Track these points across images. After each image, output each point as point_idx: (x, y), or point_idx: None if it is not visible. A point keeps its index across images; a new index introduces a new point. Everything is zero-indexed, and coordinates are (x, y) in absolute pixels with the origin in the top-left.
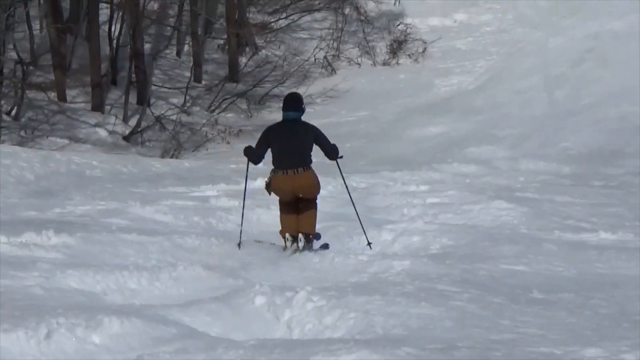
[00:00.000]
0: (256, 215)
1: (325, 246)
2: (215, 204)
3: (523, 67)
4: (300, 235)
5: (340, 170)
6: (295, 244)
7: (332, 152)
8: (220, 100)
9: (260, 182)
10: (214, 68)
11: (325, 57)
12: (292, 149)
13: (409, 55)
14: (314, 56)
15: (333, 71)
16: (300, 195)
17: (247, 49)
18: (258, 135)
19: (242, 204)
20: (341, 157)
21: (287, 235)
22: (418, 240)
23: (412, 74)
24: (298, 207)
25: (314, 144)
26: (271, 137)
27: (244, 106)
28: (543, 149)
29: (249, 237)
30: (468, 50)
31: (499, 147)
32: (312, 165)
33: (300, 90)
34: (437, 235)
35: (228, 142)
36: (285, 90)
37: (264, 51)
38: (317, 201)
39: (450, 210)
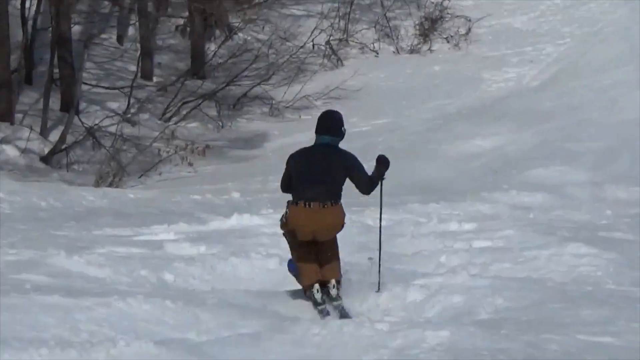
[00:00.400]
0: (230, 266)
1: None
2: (172, 252)
3: (608, 54)
4: (331, 282)
5: (381, 195)
6: (324, 294)
7: (365, 186)
8: (179, 104)
9: (235, 220)
10: (171, 59)
11: (328, 42)
12: (319, 177)
13: (446, 38)
14: (312, 41)
15: (339, 62)
16: (319, 238)
17: (218, 31)
18: (234, 153)
19: None
20: (384, 178)
21: (315, 286)
22: (461, 301)
23: (451, 64)
24: (318, 254)
25: (347, 177)
26: (296, 164)
27: (213, 112)
28: (638, 169)
29: (222, 297)
30: (529, 31)
31: (575, 168)
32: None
33: (294, 89)
34: (488, 293)
35: (190, 164)
36: (271, 89)
37: (241, 34)
38: (338, 247)
39: (507, 257)
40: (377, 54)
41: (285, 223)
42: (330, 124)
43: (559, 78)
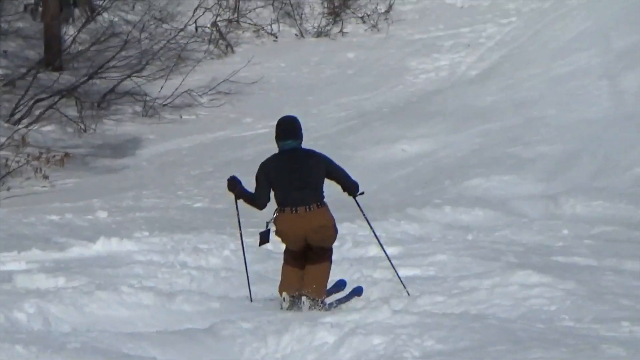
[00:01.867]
0: (96, 302)
1: (357, 291)
2: (24, 286)
3: (565, 35)
4: (303, 298)
5: (362, 212)
6: (289, 306)
7: (350, 184)
8: (31, 102)
9: (102, 245)
10: (19, 47)
11: (214, 24)
12: (300, 182)
13: (362, 18)
14: (195, 23)
15: (229, 48)
16: (313, 243)
17: (77, 11)
18: (99, 163)
19: (241, 248)
20: (362, 193)
21: (284, 295)
22: (382, 344)
23: (368, 50)
24: (306, 260)
25: (326, 178)
26: (270, 173)
27: (74, 112)
28: (601, 179)
29: (85, 340)
30: (466, 8)
31: (524, 178)
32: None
33: (174, 83)
34: (415, 333)
35: (45, 176)
36: (144, 83)
37: (106, 15)
38: (332, 252)
39: (439, 289)
40: (276, 38)
41: (265, 233)
42: (292, 129)
43: (503, 66)
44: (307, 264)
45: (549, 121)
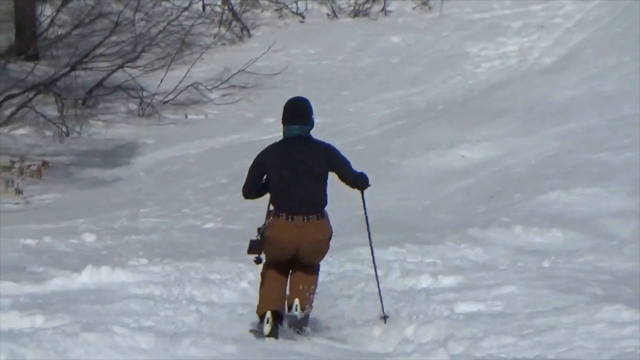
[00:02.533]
0: (82, 346)
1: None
2: None
3: None
4: (294, 305)
5: (365, 209)
6: (272, 328)
7: (355, 178)
8: (0, 99)
9: (89, 276)
10: None
11: (227, 1)
12: (299, 185)
13: None
14: (202, 1)
15: (245, 32)
16: (304, 257)
17: None
18: (86, 174)
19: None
20: (369, 185)
21: (267, 314)
22: None
23: (417, 34)
24: (291, 270)
25: (329, 172)
26: (268, 164)
27: (53, 112)
28: None
29: None
30: None
31: (612, 191)
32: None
33: (178, 74)
34: None
35: (19, 191)
36: (140, 75)
37: None
38: (319, 266)
39: (507, 328)
40: (303, 18)
41: (262, 234)
42: (300, 112)
43: (585, 53)
44: (295, 273)
45: None
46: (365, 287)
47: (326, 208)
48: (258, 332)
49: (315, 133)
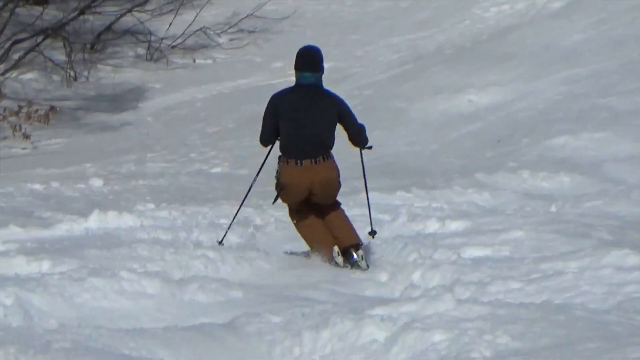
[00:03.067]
0: (88, 291)
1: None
2: (1, 272)
3: None
4: (354, 253)
5: (363, 167)
6: (344, 258)
7: (359, 137)
8: (8, 44)
9: (96, 221)
10: None
11: None
12: (309, 130)
13: None
14: None
15: None
16: (318, 196)
17: None
18: (93, 119)
19: (249, 186)
20: (370, 147)
21: (334, 250)
22: (445, 341)
23: None
24: (320, 213)
25: (337, 123)
26: (281, 110)
27: (61, 56)
28: None
29: (76, 338)
30: None
31: (621, 135)
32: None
33: (186, 18)
34: (486, 328)
35: (26, 136)
36: (148, 19)
37: None
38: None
39: (514, 273)
40: None
41: (278, 182)
42: (311, 60)
43: None
44: (325, 216)
45: None
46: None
47: (332, 151)
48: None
49: (323, 77)
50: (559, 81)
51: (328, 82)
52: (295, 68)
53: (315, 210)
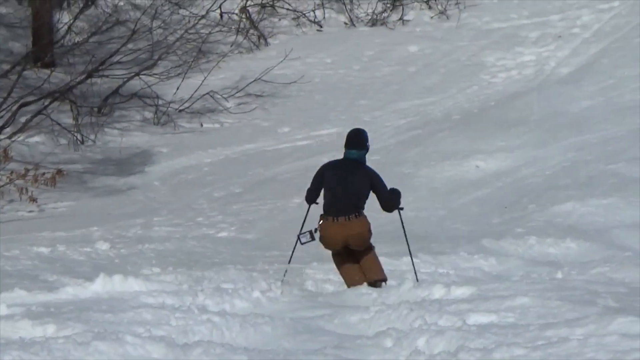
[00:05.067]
0: (94, 355)
1: None
2: (5, 335)
3: None
4: (378, 284)
5: (402, 224)
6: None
7: (388, 204)
8: (16, 107)
9: (102, 285)
10: (2, 37)
11: (244, 9)
12: (346, 193)
13: (427, 2)
14: (220, 8)
15: (262, 40)
16: (352, 247)
17: None
18: (100, 182)
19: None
20: (402, 208)
21: (364, 284)
22: None
23: (435, 42)
24: (354, 255)
25: (370, 191)
26: (326, 177)
27: (68, 119)
28: None
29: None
30: None
31: (628, 202)
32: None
33: (194, 82)
34: None
35: (33, 199)
36: (156, 83)
37: None
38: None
39: (520, 340)
40: (321, 27)
41: (318, 233)
42: (357, 140)
43: (602, 63)
44: (359, 258)
45: None
46: (378, 298)
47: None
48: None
49: (331, 143)
50: (566, 147)
51: (335, 147)
52: (345, 146)
53: (352, 254)
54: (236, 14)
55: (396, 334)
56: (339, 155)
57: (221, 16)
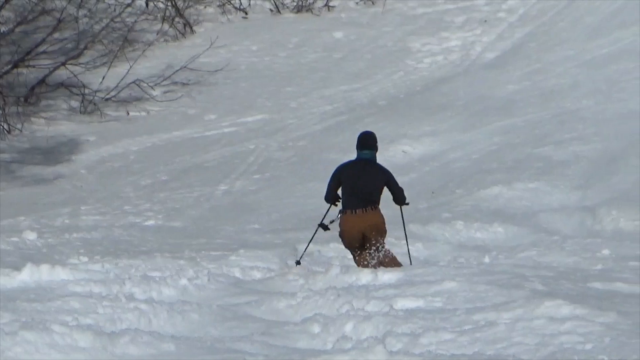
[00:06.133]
0: (20, 344)
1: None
2: None
3: (605, 9)
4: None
5: (402, 217)
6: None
7: (400, 197)
8: None
9: (29, 274)
10: None
11: None
12: (362, 189)
13: None
14: None
15: (187, 28)
16: (370, 238)
17: None
18: (27, 172)
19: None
20: (407, 204)
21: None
22: None
23: (360, 29)
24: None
25: (384, 187)
26: (343, 176)
27: None
28: None
29: None
30: None
31: (554, 185)
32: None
33: (120, 71)
34: None
35: None
36: (82, 72)
37: None
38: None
39: (447, 325)
40: (246, 14)
41: (338, 225)
42: (369, 142)
43: (528, 47)
44: (383, 263)
45: (584, 115)
46: (305, 284)
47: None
48: None
49: (257, 130)
50: (493, 132)
51: (261, 134)
52: (357, 147)
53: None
54: (162, 2)
55: (323, 319)
56: (268, 142)
57: (147, 4)
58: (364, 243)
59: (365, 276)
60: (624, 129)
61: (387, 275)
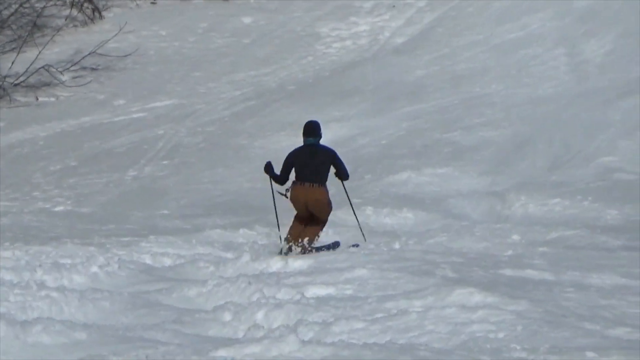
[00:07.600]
0: None
1: (334, 245)
2: None
3: None
4: (299, 242)
5: (346, 192)
6: (286, 247)
7: (343, 172)
8: None
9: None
10: None
11: None
12: (311, 167)
13: None
14: None
15: (96, 14)
16: (312, 212)
17: None
18: None
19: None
20: (347, 178)
21: (287, 236)
22: None
23: (269, 14)
24: (306, 223)
25: (331, 166)
26: (295, 160)
27: None
28: (559, 171)
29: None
30: None
31: (463, 171)
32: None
33: (29, 56)
34: None
35: None
36: None
37: None
38: (325, 223)
39: (359, 312)
40: (155, 0)
41: (289, 197)
42: (313, 130)
43: (437, 32)
44: (307, 225)
45: (494, 99)
46: (216, 271)
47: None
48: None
49: (166, 115)
50: (402, 117)
51: (170, 119)
52: (303, 135)
53: (305, 221)
54: None
55: (234, 307)
56: (177, 127)
57: None
58: (311, 217)
59: (275, 263)
60: (533, 114)
61: (297, 263)
